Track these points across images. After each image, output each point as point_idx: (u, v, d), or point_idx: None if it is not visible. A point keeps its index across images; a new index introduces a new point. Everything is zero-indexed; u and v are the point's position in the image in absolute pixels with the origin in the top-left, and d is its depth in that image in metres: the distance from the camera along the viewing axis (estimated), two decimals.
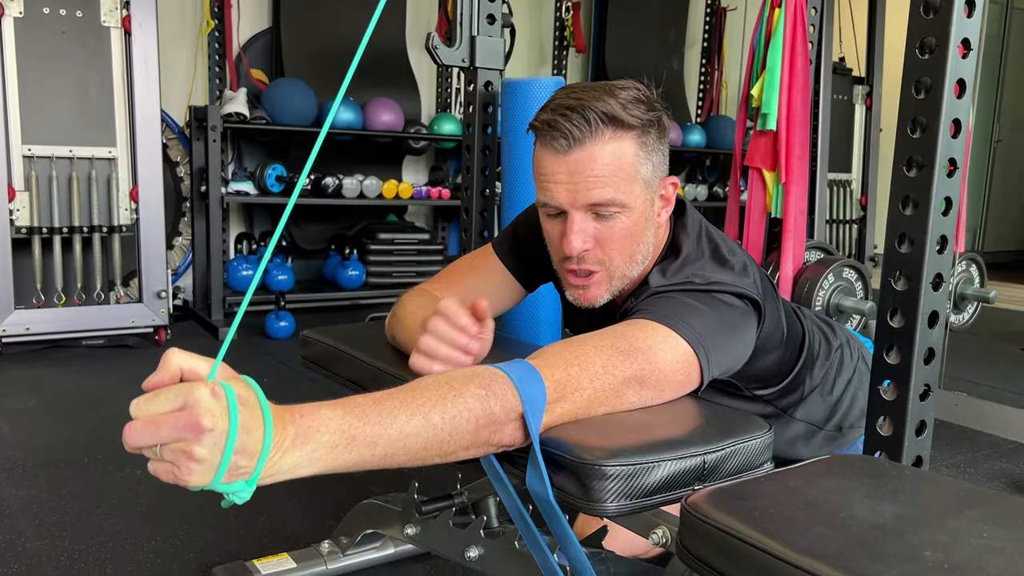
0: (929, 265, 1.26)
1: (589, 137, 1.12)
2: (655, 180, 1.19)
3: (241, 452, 0.74)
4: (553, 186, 1.15)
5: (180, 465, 0.72)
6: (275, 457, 0.77)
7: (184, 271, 4.23)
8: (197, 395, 0.71)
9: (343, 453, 0.82)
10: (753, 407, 1.35)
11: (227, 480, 0.74)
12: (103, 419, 2.61)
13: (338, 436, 0.82)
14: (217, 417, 0.72)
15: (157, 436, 0.71)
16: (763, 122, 2.82)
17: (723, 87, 5.73)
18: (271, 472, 0.78)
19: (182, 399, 0.72)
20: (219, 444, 0.72)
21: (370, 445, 0.84)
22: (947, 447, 2.66)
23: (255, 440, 0.75)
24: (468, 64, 2.28)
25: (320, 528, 1.89)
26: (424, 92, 4.63)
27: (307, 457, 0.80)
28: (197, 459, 0.71)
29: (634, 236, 1.19)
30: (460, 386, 0.93)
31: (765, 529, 0.75)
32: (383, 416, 0.85)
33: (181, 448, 0.71)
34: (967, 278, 3.26)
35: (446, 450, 0.91)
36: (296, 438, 0.79)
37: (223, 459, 0.72)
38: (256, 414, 0.76)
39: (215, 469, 0.72)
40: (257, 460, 0.75)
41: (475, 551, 1.33)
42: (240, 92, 3.94)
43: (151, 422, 0.72)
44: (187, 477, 0.72)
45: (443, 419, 0.89)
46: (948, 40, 1.21)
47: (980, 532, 0.76)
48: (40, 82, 3.28)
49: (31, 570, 1.70)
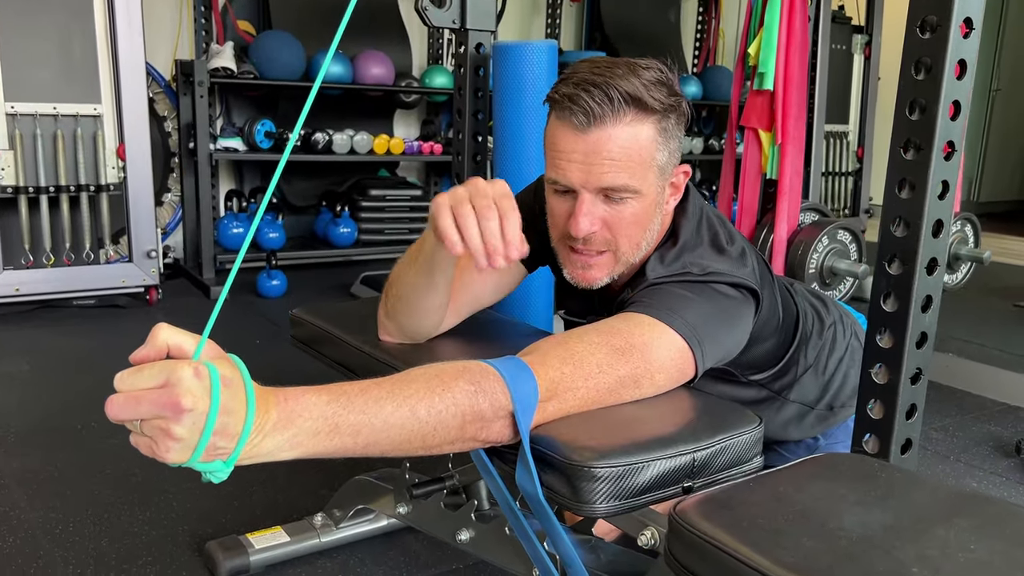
0: (924, 249, 1.25)
1: (610, 116, 1.08)
2: (669, 167, 1.16)
3: (221, 433, 0.74)
4: (566, 164, 1.12)
5: (158, 442, 0.72)
6: (255, 440, 0.77)
7: (174, 228, 4.19)
8: (180, 374, 0.71)
9: (325, 440, 0.82)
10: (748, 392, 1.35)
11: (205, 459, 0.74)
12: (95, 384, 2.61)
13: (321, 423, 0.82)
14: (198, 398, 0.71)
15: (137, 411, 0.71)
16: (760, 81, 2.78)
17: (720, 36, 5.63)
18: (250, 454, 0.78)
19: (164, 376, 0.71)
20: (198, 424, 0.72)
21: (353, 434, 0.84)
22: (936, 409, 2.68)
23: (236, 422, 0.75)
24: (459, 26, 2.23)
25: (314, 499, 1.91)
26: (415, 44, 4.54)
27: (288, 442, 0.80)
28: (175, 437, 0.71)
29: (642, 222, 1.16)
30: (449, 380, 0.92)
31: (753, 542, 0.75)
32: (368, 405, 0.85)
33: (159, 425, 0.71)
34: (961, 238, 3.25)
35: (430, 443, 0.91)
36: (278, 422, 0.79)
37: (201, 439, 0.72)
38: (239, 396, 0.76)
39: (193, 448, 0.73)
40: (237, 442, 0.75)
41: (466, 534, 1.34)
42: (227, 46, 3.85)
43: (133, 397, 0.71)
44: (164, 454, 0.72)
45: (429, 412, 0.89)
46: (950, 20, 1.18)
47: (968, 544, 0.76)
48: (21, 37, 3.20)
49: (26, 542, 1.71)
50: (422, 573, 1.67)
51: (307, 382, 1.62)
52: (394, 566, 1.68)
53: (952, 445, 2.41)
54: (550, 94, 1.13)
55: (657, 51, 5.60)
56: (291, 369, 1.66)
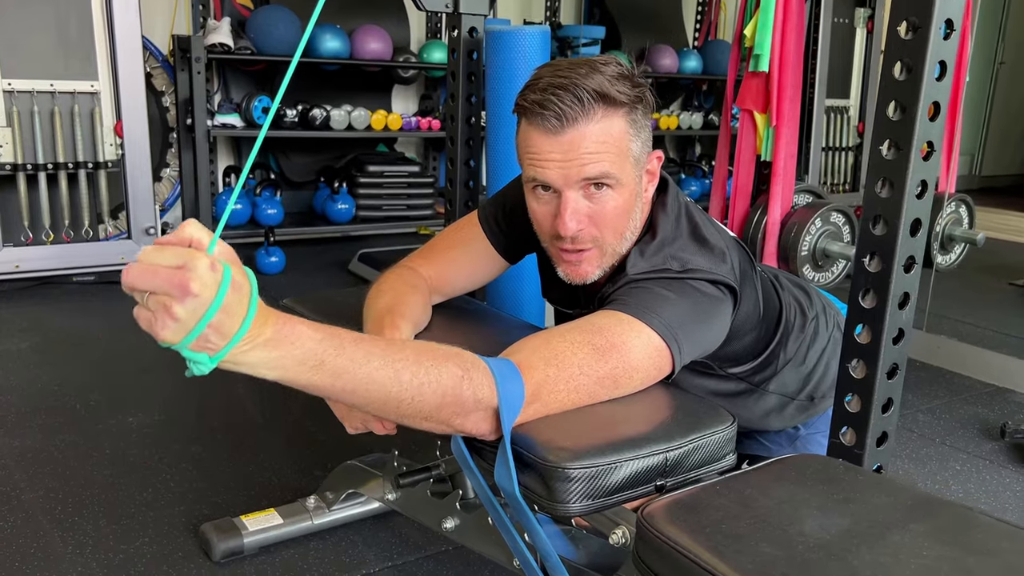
0: (902, 247, 1.26)
1: (582, 116, 1.11)
2: (643, 156, 1.19)
3: (216, 327, 0.77)
4: (545, 164, 1.14)
5: (158, 317, 0.75)
6: (244, 347, 0.81)
7: (172, 204, 4.21)
8: (197, 262, 0.75)
9: (307, 372, 0.86)
10: (727, 385, 1.38)
11: (194, 347, 0.77)
12: (95, 362, 2.65)
13: (309, 356, 0.85)
14: (206, 287, 0.75)
15: (149, 283, 0.75)
16: (755, 63, 2.77)
17: (722, 10, 5.59)
18: (236, 359, 0.81)
19: (183, 260, 0.75)
20: (198, 312, 0.75)
21: (334, 376, 0.87)
22: (925, 391, 2.71)
23: (232, 323, 0.78)
24: (452, 9, 2.22)
25: (308, 479, 1.95)
26: (413, 18, 4.51)
27: (273, 361, 0.84)
28: (174, 317, 0.74)
29: (625, 212, 1.19)
30: (440, 359, 0.96)
31: (714, 547, 0.78)
32: (358, 355, 0.89)
33: (164, 302, 0.75)
34: (956, 219, 3.26)
35: (404, 411, 0.94)
36: (270, 340, 0.82)
37: (197, 326, 0.76)
38: (243, 301, 0.79)
39: (187, 332, 0.76)
40: (227, 342, 0.79)
41: (451, 522, 1.37)
42: (224, 21, 3.84)
43: (149, 269, 0.75)
44: (160, 330, 0.76)
45: (411, 381, 0.92)
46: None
47: (921, 550, 0.79)
48: (18, 14, 3.20)
49: (26, 523, 1.75)
50: (412, 555, 1.71)
51: None
52: (385, 547, 1.73)
53: (938, 427, 2.45)
54: (518, 102, 1.15)
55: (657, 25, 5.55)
56: None
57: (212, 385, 2.48)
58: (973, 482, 2.13)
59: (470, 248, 1.43)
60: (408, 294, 1.31)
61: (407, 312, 1.28)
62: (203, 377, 0.83)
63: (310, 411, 2.30)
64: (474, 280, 1.46)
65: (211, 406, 2.35)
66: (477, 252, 1.43)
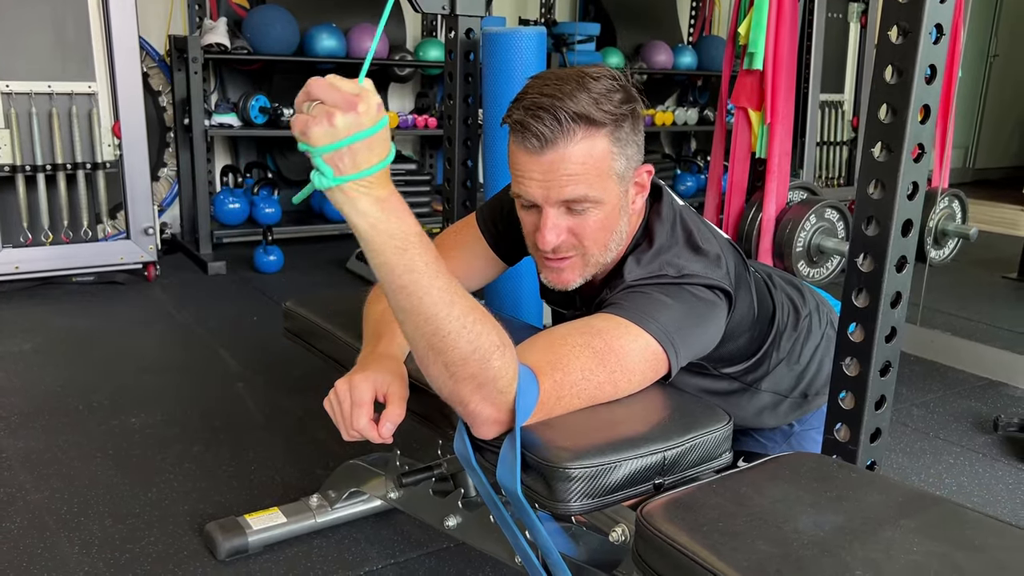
0: (894, 248, 1.29)
1: (561, 138, 1.12)
2: (629, 171, 1.21)
3: (354, 153, 0.87)
4: (527, 182, 1.17)
5: (318, 120, 0.86)
6: (362, 188, 0.89)
7: (170, 203, 4.22)
8: (371, 96, 0.88)
9: (390, 248, 0.92)
10: (720, 384, 1.40)
11: (327, 158, 0.87)
12: (96, 363, 2.67)
13: (400, 235, 0.92)
14: (368, 115, 0.87)
15: (326, 94, 0.86)
16: (750, 61, 2.79)
17: (716, 6, 5.61)
18: (349, 193, 0.89)
19: (360, 91, 0.88)
20: (351, 129, 0.86)
21: (407, 268, 0.93)
22: (919, 385, 2.74)
23: (367, 158, 0.88)
24: (449, 11, 2.24)
25: (310, 478, 1.97)
26: (409, 16, 4.52)
27: (373, 218, 0.91)
28: (332, 123, 0.85)
29: (608, 227, 1.21)
30: (490, 323, 0.99)
31: (711, 545, 0.81)
32: (432, 266, 0.94)
33: (328, 110, 0.86)
34: (949, 214, 3.29)
35: (436, 344, 0.96)
36: (382, 199, 0.91)
37: (343, 140, 0.86)
38: (381, 152, 0.90)
39: (332, 140, 0.86)
40: (355, 171, 0.88)
41: (453, 520, 1.40)
42: (220, 21, 3.85)
43: (332, 85, 0.87)
44: (313, 128, 0.86)
45: (459, 319, 0.96)
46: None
47: (911, 546, 0.81)
48: (14, 16, 3.21)
49: (33, 524, 1.78)
50: (414, 552, 1.74)
51: (305, 359, 1.68)
52: (388, 545, 1.75)
53: (932, 422, 2.48)
54: (505, 117, 1.17)
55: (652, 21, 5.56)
56: (288, 346, 1.71)
57: (213, 385, 2.50)
58: (966, 475, 2.16)
59: (468, 250, 1.46)
60: None
61: None
62: (203, 377, 0.85)
63: (311, 411, 2.32)
64: (473, 281, 1.48)
65: (212, 406, 2.37)
66: (475, 254, 1.45)
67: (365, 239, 0.92)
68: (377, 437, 1.12)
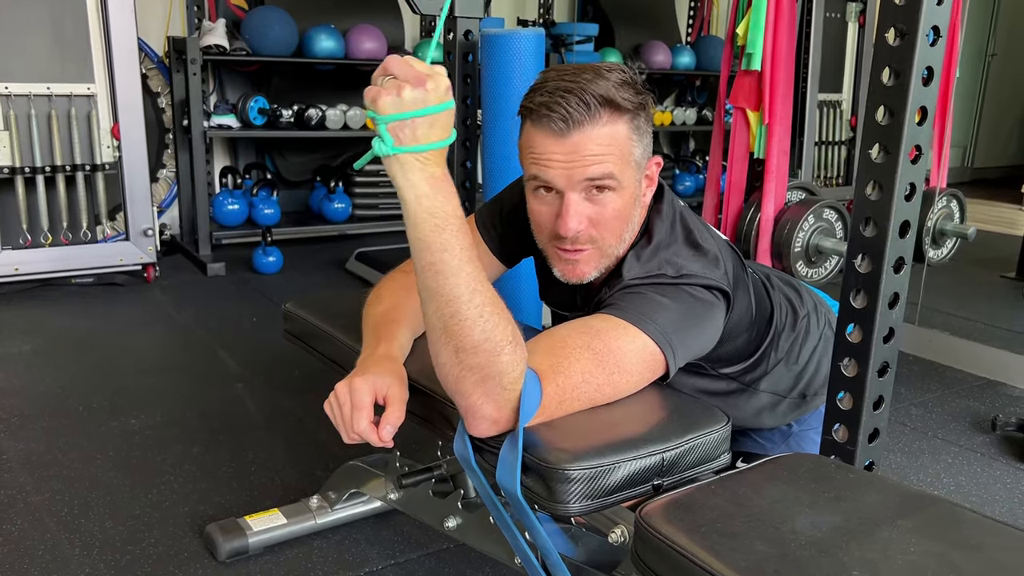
0: (891, 249, 1.29)
1: (588, 119, 1.13)
2: (644, 160, 1.22)
3: (415, 126, 0.94)
4: (549, 165, 1.16)
5: (388, 92, 0.93)
6: (419, 161, 0.96)
7: (169, 204, 4.23)
8: (441, 79, 0.96)
9: (429, 225, 0.97)
10: (718, 384, 1.41)
11: (390, 127, 0.94)
12: (96, 364, 2.67)
13: (442, 216, 0.97)
14: (436, 93, 0.94)
15: (401, 70, 0.94)
16: (748, 61, 2.80)
17: (714, 6, 5.61)
18: (405, 164, 0.96)
19: (432, 71, 0.95)
20: (417, 103, 0.93)
21: (441, 248, 0.98)
22: (918, 385, 2.75)
23: (428, 134, 0.95)
24: (447, 13, 2.25)
25: (310, 479, 1.98)
26: (407, 17, 4.53)
27: (420, 190, 0.96)
28: (400, 95, 0.93)
29: (624, 215, 1.22)
30: (506, 318, 1.02)
31: (710, 547, 0.81)
32: (465, 251, 0.99)
33: (399, 84, 0.93)
34: (947, 214, 3.29)
35: (452, 326, 0.99)
36: (435, 177, 0.97)
37: (409, 112, 0.93)
38: (443, 133, 0.97)
39: (398, 111, 0.93)
40: (415, 144, 0.95)
41: (453, 521, 1.40)
42: (219, 23, 3.85)
43: (407, 63, 0.95)
44: (383, 98, 0.93)
45: (479, 308, 0.99)
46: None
47: (908, 546, 0.82)
48: (13, 17, 3.21)
49: (33, 526, 1.78)
50: (414, 552, 1.74)
51: (305, 360, 1.68)
52: (388, 546, 1.76)
53: (930, 421, 2.48)
54: (524, 104, 1.17)
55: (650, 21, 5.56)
56: (288, 347, 1.71)
57: (213, 386, 2.51)
58: (964, 475, 2.17)
59: None
60: (406, 299, 1.34)
61: (405, 317, 1.30)
62: (203, 379, 0.86)
63: (311, 412, 2.33)
64: None
65: (212, 407, 2.37)
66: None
67: (409, 211, 0.97)
68: (378, 440, 1.13)
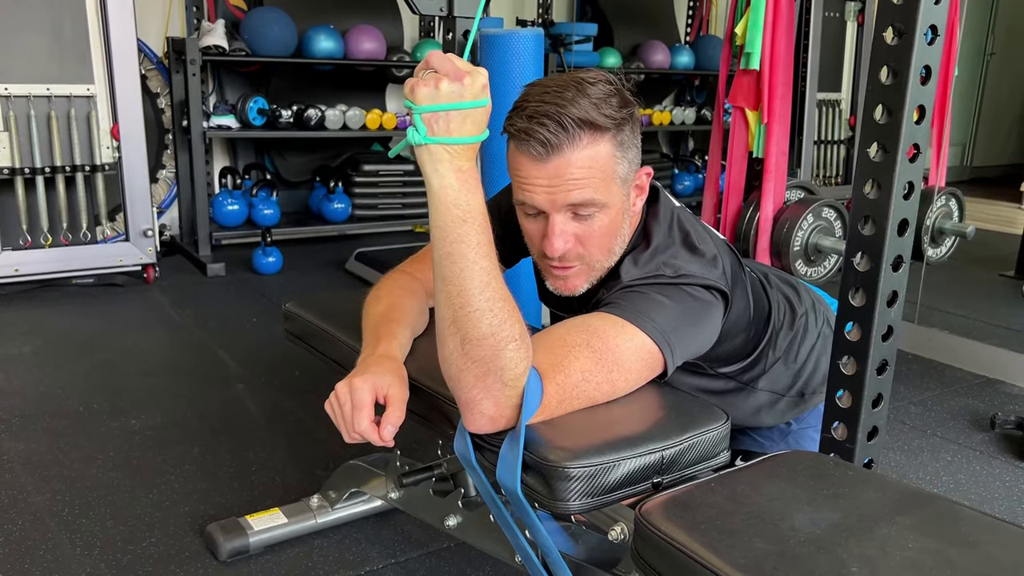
0: (890, 247, 1.30)
1: (567, 144, 1.13)
2: (630, 175, 1.22)
3: (448, 118, 0.96)
4: (532, 189, 1.17)
5: (426, 83, 0.95)
6: (449, 153, 0.98)
7: (169, 205, 4.23)
8: (479, 76, 0.97)
9: (450, 215, 1.00)
10: (716, 383, 1.41)
11: (425, 118, 0.96)
12: (96, 365, 2.67)
13: (465, 208, 1.00)
14: (472, 88, 0.96)
15: (441, 64, 0.96)
16: (746, 61, 2.80)
17: (713, 5, 5.62)
18: (435, 155, 0.98)
19: (472, 69, 0.97)
20: (453, 96, 0.95)
21: (458, 239, 1.00)
22: (917, 383, 2.75)
23: (461, 127, 0.97)
24: (446, 13, 2.25)
25: (310, 479, 1.98)
26: (406, 17, 4.53)
27: (447, 180, 0.99)
28: (437, 87, 0.95)
29: (612, 232, 1.22)
30: (516, 316, 1.03)
31: (709, 544, 0.82)
32: (482, 246, 1.01)
33: (438, 77, 0.95)
34: (946, 212, 3.30)
35: (461, 317, 1.01)
36: (463, 170, 0.99)
37: (445, 104, 0.95)
38: (477, 129, 0.99)
39: (434, 102, 0.95)
40: (447, 136, 0.97)
41: (453, 520, 1.41)
42: (218, 24, 3.86)
43: (449, 58, 0.97)
44: (421, 88, 0.96)
45: (489, 300, 1.01)
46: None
47: (906, 543, 0.82)
48: (12, 18, 3.22)
49: (34, 526, 1.78)
50: (415, 551, 1.74)
51: (305, 361, 1.68)
52: (388, 545, 1.76)
53: (929, 419, 2.49)
54: (506, 126, 1.17)
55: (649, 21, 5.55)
56: (288, 347, 1.72)
57: (213, 387, 2.51)
58: (963, 473, 2.17)
59: None
60: (405, 299, 1.34)
61: (404, 317, 1.31)
62: (203, 379, 0.86)
63: (311, 411, 2.33)
64: None
65: (213, 407, 2.38)
66: None
67: (434, 199, 0.99)
68: (378, 440, 1.13)
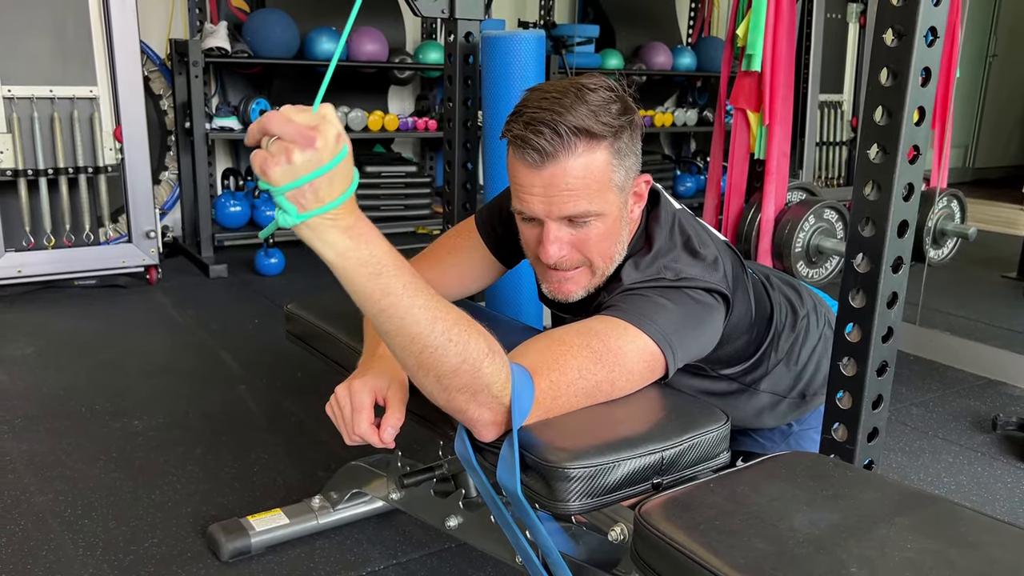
0: (890, 249, 1.30)
1: (562, 152, 1.13)
2: (628, 182, 1.22)
3: (316, 188, 0.85)
4: (528, 197, 1.17)
5: (276, 158, 0.83)
6: (327, 220, 0.87)
7: (171, 206, 4.24)
8: (330, 127, 0.84)
9: (363, 274, 0.91)
10: (718, 385, 1.41)
11: (290, 196, 0.85)
12: (98, 366, 2.68)
13: (372, 261, 0.90)
14: (327, 149, 0.84)
15: (282, 129, 0.83)
16: (748, 62, 2.80)
17: (715, 7, 5.62)
18: (315, 228, 0.87)
19: (317, 123, 0.84)
20: (310, 165, 0.83)
21: (383, 292, 0.92)
22: (919, 385, 2.75)
23: (330, 191, 0.86)
24: (448, 14, 2.25)
25: (311, 480, 1.98)
26: (408, 20, 4.54)
27: (342, 248, 0.89)
28: (291, 160, 0.83)
29: (610, 238, 1.22)
30: (475, 331, 0.99)
31: (709, 544, 0.82)
32: (409, 286, 0.93)
33: (286, 147, 0.83)
34: (948, 214, 3.30)
35: (425, 360, 0.97)
36: (349, 228, 0.89)
37: (304, 177, 0.84)
38: (344, 182, 0.87)
39: (293, 179, 0.84)
40: (319, 206, 0.86)
41: (454, 520, 1.41)
42: (221, 25, 3.87)
43: (287, 120, 0.84)
44: (273, 168, 0.83)
45: (444, 334, 0.96)
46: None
47: (905, 543, 0.82)
48: (16, 20, 3.23)
49: (37, 526, 1.79)
50: (416, 552, 1.75)
51: (306, 362, 1.68)
52: (390, 546, 1.76)
53: (931, 421, 2.49)
54: (504, 131, 1.17)
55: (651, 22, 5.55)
56: (290, 348, 1.72)
57: (215, 388, 2.51)
58: (965, 474, 2.17)
59: (468, 253, 1.47)
60: None
61: None
62: (205, 380, 0.86)
63: (312, 413, 2.33)
64: (472, 285, 1.49)
65: (214, 408, 2.38)
66: (475, 257, 1.46)
67: (337, 269, 0.90)
68: (379, 442, 1.14)
